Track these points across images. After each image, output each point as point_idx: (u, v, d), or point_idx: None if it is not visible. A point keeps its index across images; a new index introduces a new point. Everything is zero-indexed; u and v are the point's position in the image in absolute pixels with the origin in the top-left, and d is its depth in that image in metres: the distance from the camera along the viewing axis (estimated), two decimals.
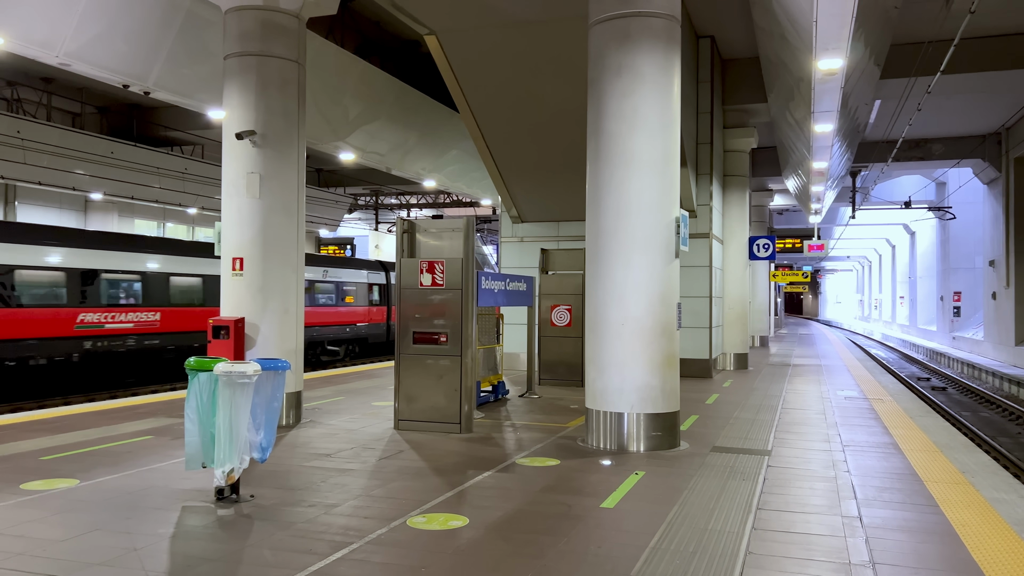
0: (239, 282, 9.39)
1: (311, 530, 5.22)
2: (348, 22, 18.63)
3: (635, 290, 8.04)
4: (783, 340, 33.79)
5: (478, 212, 41.16)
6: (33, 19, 10.50)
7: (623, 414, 8.07)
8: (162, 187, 24.26)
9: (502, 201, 16.70)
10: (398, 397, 9.30)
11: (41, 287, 15.95)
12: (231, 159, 9.52)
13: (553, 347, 13.97)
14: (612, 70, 8.19)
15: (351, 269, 27.29)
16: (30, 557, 4.63)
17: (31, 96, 22.68)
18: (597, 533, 5.21)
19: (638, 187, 8.09)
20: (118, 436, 8.67)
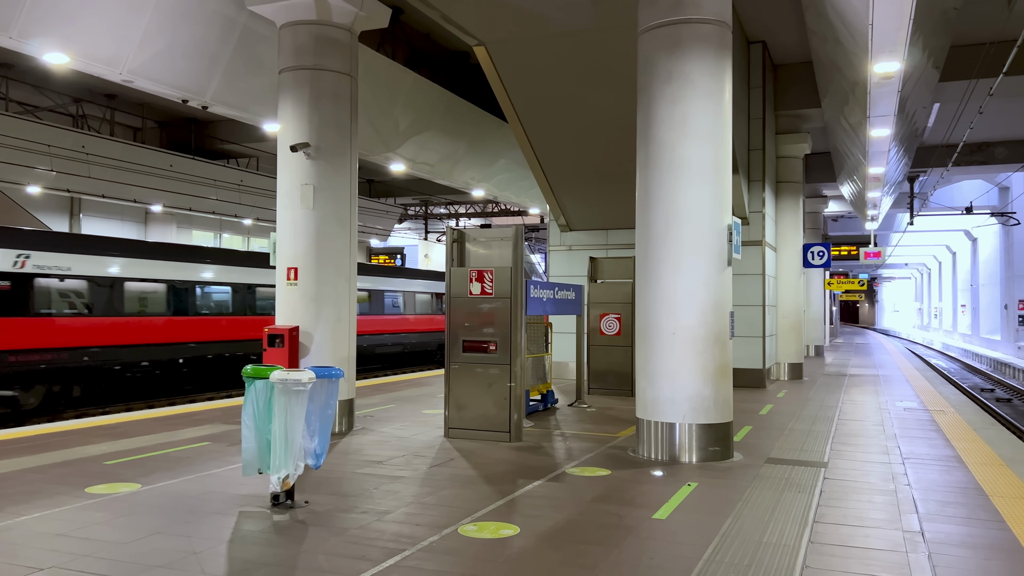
0: (293, 291, 9.57)
1: (364, 536, 5.28)
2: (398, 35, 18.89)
3: (686, 299, 7.97)
4: (839, 349, 33.03)
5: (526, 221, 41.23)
6: (98, 38, 10.89)
7: (675, 424, 7.98)
8: (219, 199, 24.88)
9: (550, 210, 16.70)
10: (448, 405, 9.36)
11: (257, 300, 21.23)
12: (286, 171, 9.72)
13: (602, 356, 13.90)
14: (662, 77, 8.15)
15: None
16: (95, 559, 4.77)
17: (95, 112, 23.50)
18: (649, 544, 5.16)
19: (689, 194, 8.02)
20: (177, 442, 8.90)
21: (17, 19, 9.91)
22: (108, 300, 16.67)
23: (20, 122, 19.19)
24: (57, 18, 10.28)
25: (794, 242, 18.76)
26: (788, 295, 18.58)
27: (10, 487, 6.63)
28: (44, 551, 4.91)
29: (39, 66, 18.83)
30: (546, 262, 17.71)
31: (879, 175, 18.08)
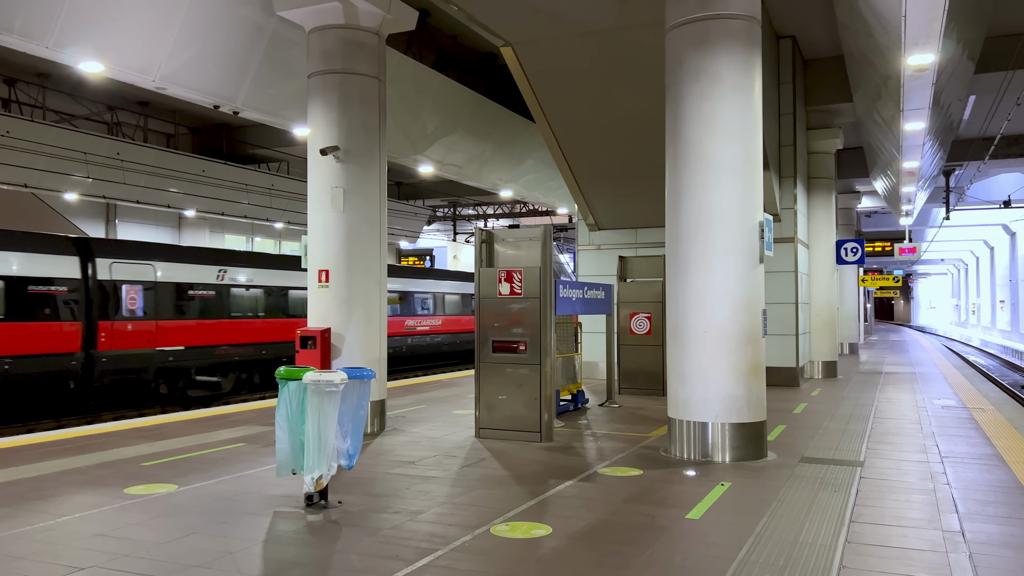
0: (325, 293, 9.66)
1: (397, 536, 5.31)
2: (426, 37, 18.97)
3: (718, 297, 7.90)
4: (874, 347, 32.53)
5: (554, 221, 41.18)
6: (131, 47, 11.08)
7: (707, 424, 7.92)
8: (250, 203, 25.17)
9: (578, 209, 16.66)
10: (478, 405, 9.38)
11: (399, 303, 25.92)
12: (316, 174, 9.81)
13: (632, 356, 13.83)
14: (690, 74, 8.09)
15: None
16: (134, 559, 4.85)
17: (129, 119, 23.91)
18: (682, 545, 5.12)
19: (719, 192, 7.95)
20: (212, 443, 9.02)
21: (53, 29, 10.12)
22: (277, 304, 20.50)
23: (57, 130, 19.60)
24: (91, 27, 10.47)
25: (827, 238, 18.51)
26: (821, 292, 18.34)
27: (51, 488, 6.76)
28: (84, 551, 5.00)
29: (75, 75, 19.20)
30: (575, 261, 17.67)
31: (913, 170, 17.77)
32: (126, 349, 16.21)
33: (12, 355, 14.36)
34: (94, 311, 15.64)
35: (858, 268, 32.34)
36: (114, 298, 16.02)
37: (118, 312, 16.06)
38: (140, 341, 16.50)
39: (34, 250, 15.07)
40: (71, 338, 15.25)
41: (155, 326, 16.89)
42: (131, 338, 16.34)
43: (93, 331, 15.61)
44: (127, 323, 16.23)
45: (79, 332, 15.37)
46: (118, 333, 16.05)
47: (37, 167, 18.89)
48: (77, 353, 15.34)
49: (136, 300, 16.52)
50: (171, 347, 17.20)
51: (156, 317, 16.93)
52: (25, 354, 14.57)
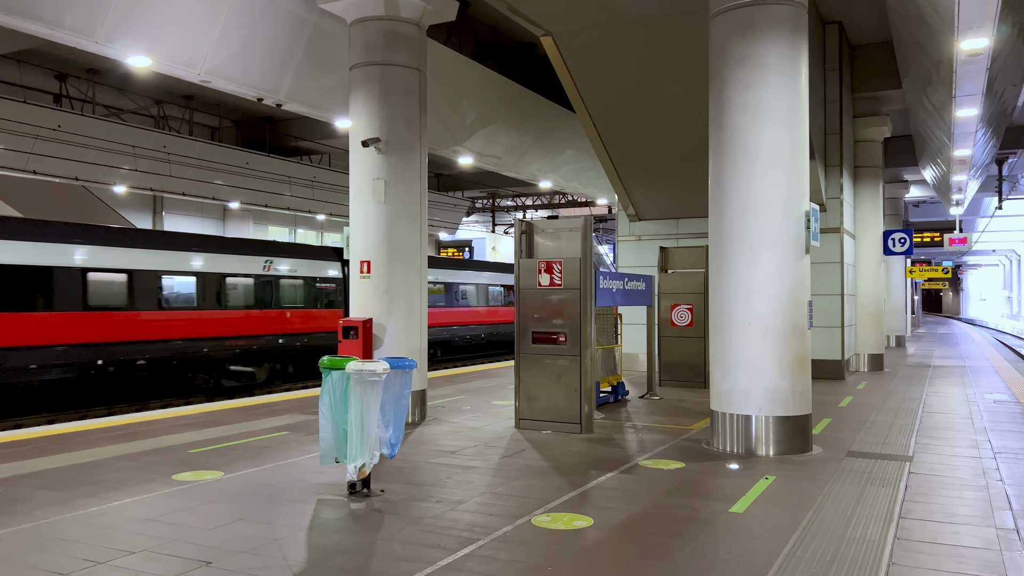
0: (366, 284, 9.73)
1: (439, 525, 5.33)
2: (465, 28, 18.96)
3: (762, 288, 7.77)
4: (921, 340, 31.82)
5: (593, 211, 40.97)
6: (177, 41, 11.26)
7: (751, 416, 7.81)
8: (293, 195, 25.49)
9: (619, 199, 16.54)
10: (518, 396, 9.38)
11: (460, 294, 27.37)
12: (358, 166, 9.87)
13: (674, 347, 13.70)
14: (735, 61, 7.95)
15: None
16: (183, 543, 4.95)
17: (175, 113, 24.35)
18: (726, 538, 5.06)
19: (764, 181, 7.81)
20: (257, 432, 9.16)
21: (102, 25, 10.32)
22: None
23: (106, 124, 20.03)
24: (139, 22, 10.66)
25: (874, 229, 18.13)
26: (868, 284, 17.98)
27: (103, 473, 6.94)
28: (135, 535, 5.12)
29: (123, 69, 19.59)
30: (614, 252, 17.56)
31: (965, 158, 17.29)
32: None
33: (309, 332, 20.00)
34: None
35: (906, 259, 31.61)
36: None
37: None
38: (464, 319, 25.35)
39: (321, 259, 20.76)
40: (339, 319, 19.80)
41: None
42: None
43: None
44: None
45: (342, 315, 20.74)
46: None
47: (87, 160, 19.35)
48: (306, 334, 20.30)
49: None
50: None
51: None
52: (317, 331, 20.21)
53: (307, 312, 20.25)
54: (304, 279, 20.23)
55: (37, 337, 14.23)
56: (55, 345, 14.50)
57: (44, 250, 14.47)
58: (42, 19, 9.84)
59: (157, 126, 23.63)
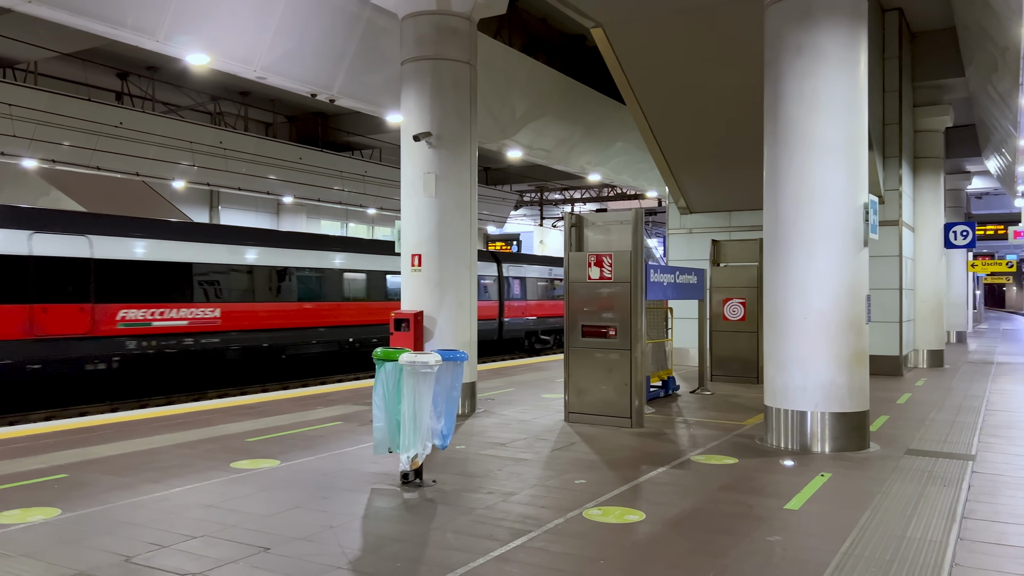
0: (417, 277, 9.82)
1: (491, 516, 5.37)
2: (515, 21, 18.95)
3: (819, 282, 7.61)
4: (983, 336, 30.84)
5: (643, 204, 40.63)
6: (234, 38, 11.50)
7: (806, 413, 7.67)
8: (345, 189, 25.83)
9: (669, 192, 16.37)
10: (568, 390, 9.37)
11: None
12: (409, 160, 9.96)
13: (726, 342, 13.53)
14: (791, 50, 7.79)
15: None
16: (242, 529, 5.08)
17: (231, 109, 24.86)
18: (782, 535, 4.99)
19: (821, 173, 7.65)
20: (311, 421, 9.33)
21: (163, 24, 10.59)
22: None
23: (166, 121, 20.57)
24: (198, 21, 10.91)
25: (934, 221, 17.61)
26: (927, 278, 17.48)
27: (165, 460, 7.15)
28: (197, 520, 5.26)
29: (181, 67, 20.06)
30: (664, 246, 17.39)
31: None
32: (515, 318, 27.39)
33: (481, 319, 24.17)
34: (503, 294, 26.41)
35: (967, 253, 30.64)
36: (507, 286, 26.99)
37: (510, 295, 27.10)
38: (519, 312, 27.39)
39: (485, 261, 25.95)
40: (495, 310, 25.78)
41: (524, 305, 28.06)
42: (516, 310, 27.52)
43: (503, 307, 26.41)
44: (514, 303, 27.39)
45: (497, 307, 26.14)
46: (510, 309, 27.07)
47: (148, 156, 19.89)
48: (495, 320, 25.87)
49: (516, 286, 27.66)
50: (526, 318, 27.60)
51: (524, 298, 27.88)
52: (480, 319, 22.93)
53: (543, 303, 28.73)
54: (548, 279, 29.10)
55: (321, 321, 19.38)
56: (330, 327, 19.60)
57: (323, 258, 19.63)
58: (106, 19, 10.14)
59: (214, 122, 24.16)
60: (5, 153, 17.31)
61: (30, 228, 13.57)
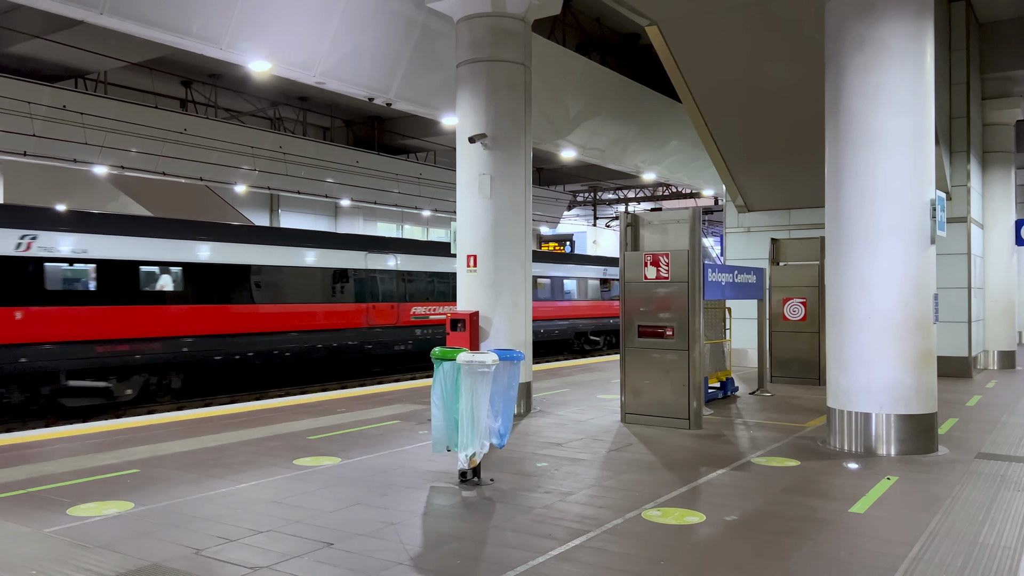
0: (473, 278, 9.88)
1: (549, 516, 5.38)
2: (569, 21, 18.93)
3: (884, 280, 7.42)
4: None
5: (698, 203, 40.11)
6: (294, 45, 11.75)
7: (870, 414, 7.48)
8: (400, 192, 26.14)
9: (727, 190, 16.14)
10: (624, 391, 9.32)
11: None
12: (464, 162, 10.03)
13: (786, 343, 13.28)
14: (853, 44, 7.61)
15: None
16: (306, 524, 5.19)
17: (290, 114, 25.39)
18: (847, 539, 4.88)
19: (885, 168, 7.46)
20: (370, 420, 9.48)
21: (226, 32, 10.88)
22: None
23: (227, 127, 21.11)
24: (259, 29, 11.18)
25: (1005, 218, 16.99)
26: (998, 276, 16.87)
27: (230, 457, 7.34)
28: (262, 515, 5.40)
29: (242, 74, 20.58)
30: (721, 245, 17.17)
31: None
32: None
33: (602, 317, 28.67)
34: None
35: None
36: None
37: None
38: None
39: (604, 265, 28.54)
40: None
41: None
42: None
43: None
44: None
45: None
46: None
47: (210, 161, 20.45)
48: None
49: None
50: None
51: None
52: (607, 316, 28.98)
53: (597, 303, 29.00)
54: (599, 279, 29.34)
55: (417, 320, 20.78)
56: None
57: (421, 262, 21.19)
58: (172, 28, 10.47)
59: (273, 127, 24.72)
60: (78, 160, 18.00)
61: (365, 250, 19.49)
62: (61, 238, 13.48)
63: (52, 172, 22.92)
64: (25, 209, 13.74)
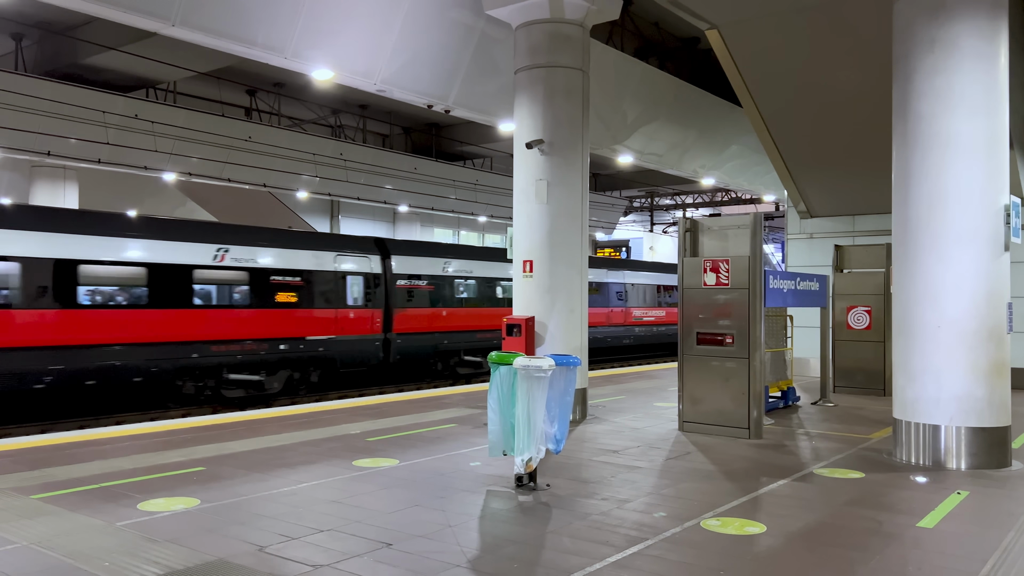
0: (529, 283, 9.90)
1: (606, 522, 5.35)
2: (628, 26, 18.85)
3: (954, 288, 7.19)
4: None
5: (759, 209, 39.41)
6: (356, 54, 11.98)
7: (939, 427, 7.25)
8: (457, 198, 26.36)
9: (788, 196, 15.83)
10: (682, 398, 9.21)
11: None
12: (521, 168, 10.07)
13: (849, 352, 12.95)
14: (923, 45, 7.40)
15: None
16: (366, 525, 5.27)
17: (350, 122, 25.85)
18: (915, 554, 4.73)
19: (955, 172, 7.22)
20: (427, 423, 9.57)
21: (290, 42, 11.15)
22: None
23: (290, 134, 21.61)
24: (322, 38, 11.43)
25: None
26: None
27: (291, 457, 7.50)
28: (323, 515, 5.50)
29: (304, 83, 21.04)
30: (783, 251, 16.83)
31: None
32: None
33: None
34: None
35: None
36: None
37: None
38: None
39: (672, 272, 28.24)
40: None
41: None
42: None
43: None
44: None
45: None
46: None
47: (274, 168, 20.96)
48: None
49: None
50: None
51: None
52: None
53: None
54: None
55: None
56: None
57: None
58: (239, 39, 10.78)
59: (334, 135, 25.20)
60: (148, 167, 18.65)
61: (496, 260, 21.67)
62: (244, 251, 15.39)
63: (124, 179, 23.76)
64: (218, 226, 15.78)
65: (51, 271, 12.76)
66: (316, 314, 16.56)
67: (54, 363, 12.70)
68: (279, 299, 15.90)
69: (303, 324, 16.32)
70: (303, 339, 16.26)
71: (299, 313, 16.23)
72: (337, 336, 16.93)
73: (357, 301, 17.41)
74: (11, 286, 12.34)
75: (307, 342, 16.31)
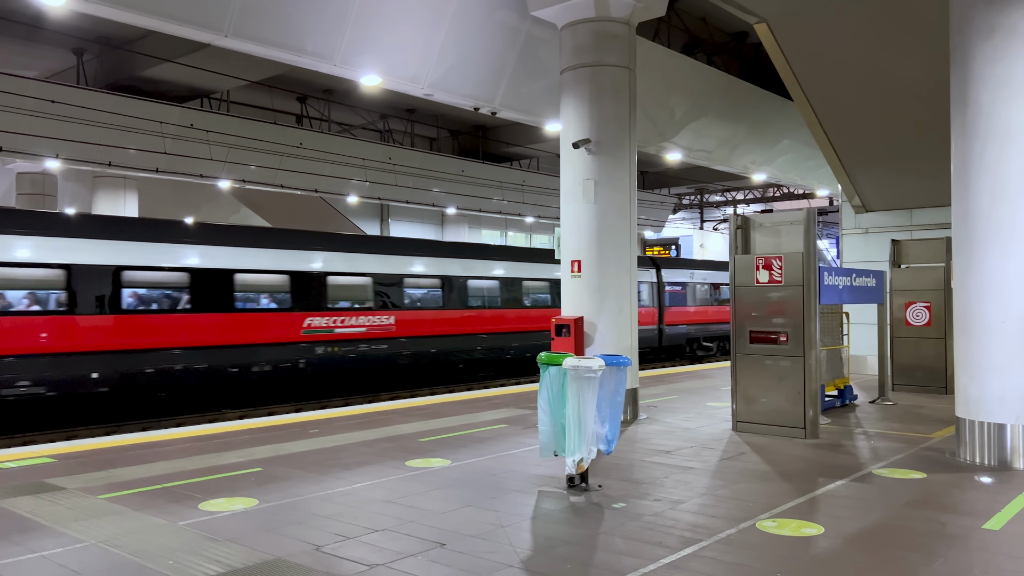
0: (577, 283, 9.88)
1: (659, 524, 5.31)
2: (675, 22, 18.67)
3: (1018, 283, 6.95)
4: None
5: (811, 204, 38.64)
6: (403, 59, 12.11)
7: (1005, 425, 7.02)
8: (504, 199, 26.44)
9: (843, 190, 15.50)
10: (735, 398, 9.08)
11: None
12: (568, 167, 10.05)
13: (908, 349, 12.61)
14: (981, 32, 7.18)
15: None
16: (419, 524, 5.33)
17: (398, 126, 26.13)
18: (981, 557, 4.60)
19: (1018, 162, 6.99)
20: (478, 423, 9.62)
21: (339, 49, 11.33)
22: None
23: (340, 140, 21.94)
24: (370, 45, 11.59)
25: None
26: None
27: (346, 457, 7.62)
28: (377, 515, 5.57)
29: (353, 89, 21.35)
30: (838, 247, 16.48)
31: None
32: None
33: None
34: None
35: None
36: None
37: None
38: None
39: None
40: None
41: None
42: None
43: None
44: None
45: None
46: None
47: (324, 174, 21.30)
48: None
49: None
50: None
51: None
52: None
53: None
54: None
55: None
56: None
57: None
58: (289, 47, 11.00)
59: (383, 139, 25.50)
60: (204, 175, 19.13)
61: (657, 267, 25.37)
62: None
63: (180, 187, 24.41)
64: None
65: None
66: None
67: None
68: None
69: None
70: None
71: None
72: (640, 326, 19.11)
73: (644, 302, 24.20)
74: None
75: None
